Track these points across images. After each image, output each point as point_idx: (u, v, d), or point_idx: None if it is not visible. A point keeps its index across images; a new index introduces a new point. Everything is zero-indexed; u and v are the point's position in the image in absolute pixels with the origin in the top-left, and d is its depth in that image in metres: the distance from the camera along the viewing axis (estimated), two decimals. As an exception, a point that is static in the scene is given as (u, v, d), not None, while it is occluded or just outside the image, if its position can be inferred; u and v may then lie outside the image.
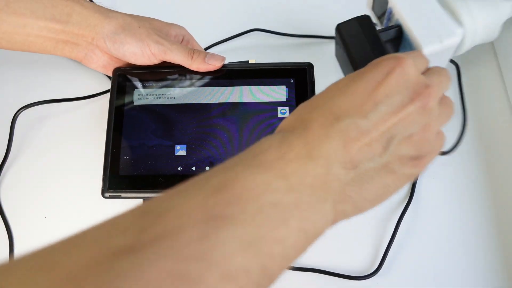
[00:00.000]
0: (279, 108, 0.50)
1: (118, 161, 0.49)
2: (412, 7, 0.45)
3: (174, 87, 0.52)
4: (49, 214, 0.53)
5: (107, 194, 0.49)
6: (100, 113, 0.58)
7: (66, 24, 0.50)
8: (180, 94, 0.52)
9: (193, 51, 0.50)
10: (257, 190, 0.27)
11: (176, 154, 0.49)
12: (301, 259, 0.49)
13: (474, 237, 0.50)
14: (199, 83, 0.52)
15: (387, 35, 0.45)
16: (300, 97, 0.50)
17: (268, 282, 0.26)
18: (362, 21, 0.44)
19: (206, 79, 0.52)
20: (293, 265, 0.49)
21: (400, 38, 0.46)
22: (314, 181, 0.28)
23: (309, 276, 0.49)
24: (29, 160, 0.56)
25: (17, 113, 0.55)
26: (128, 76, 0.53)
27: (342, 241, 0.50)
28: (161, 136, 0.50)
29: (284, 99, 0.51)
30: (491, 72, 0.59)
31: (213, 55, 0.51)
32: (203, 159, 0.49)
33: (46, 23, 0.49)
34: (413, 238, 0.50)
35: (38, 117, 0.58)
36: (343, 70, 0.46)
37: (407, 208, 0.51)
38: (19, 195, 0.54)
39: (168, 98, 0.52)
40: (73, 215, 0.53)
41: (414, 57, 0.34)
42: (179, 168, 0.49)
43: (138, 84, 0.52)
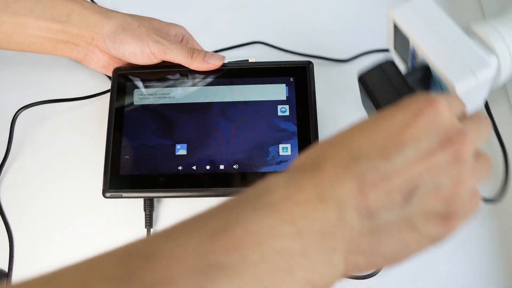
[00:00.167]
0: (279, 107, 0.50)
1: (119, 161, 0.49)
2: (436, 42, 0.40)
3: (174, 87, 0.52)
4: (49, 214, 0.53)
5: (108, 194, 0.49)
6: (100, 113, 0.58)
7: (66, 25, 0.50)
8: (180, 94, 0.52)
9: (193, 51, 0.50)
10: (261, 235, 0.24)
11: (177, 154, 0.49)
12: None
13: (475, 237, 0.50)
14: (199, 83, 0.52)
15: (415, 78, 0.42)
16: (300, 96, 0.50)
17: None
18: (386, 68, 0.41)
19: (206, 79, 0.52)
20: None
21: (429, 79, 0.43)
22: (324, 227, 0.25)
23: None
24: (29, 160, 0.56)
25: (17, 113, 0.55)
26: (128, 76, 0.53)
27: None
28: (162, 136, 0.50)
29: (284, 98, 0.51)
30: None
31: (213, 55, 0.51)
32: (204, 158, 0.49)
33: (46, 24, 0.49)
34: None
35: (38, 117, 0.58)
36: None
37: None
38: (19, 195, 0.54)
39: (169, 98, 0.52)
40: (73, 215, 0.53)
41: (449, 99, 0.30)
42: (180, 168, 0.49)
43: (138, 84, 0.52)
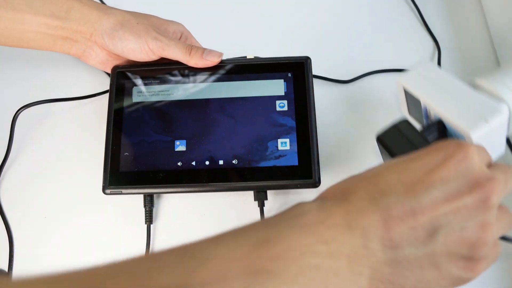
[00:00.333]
0: (278, 102, 0.51)
1: (119, 158, 0.50)
2: (445, 99, 0.43)
3: (173, 84, 0.52)
4: (49, 214, 0.53)
5: (108, 191, 0.49)
6: (101, 113, 0.58)
7: (65, 21, 0.50)
8: (179, 90, 0.52)
9: (191, 47, 0.51)
10: (300, 251, 0.26)
11: (176, 150, 0.50)
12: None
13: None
14: (198, 79, 0.52)
15: (430, 133, 0.44)
16: (298, 91, 0.51)
17: None
18: (401, 127, 0.43)
19: (205, 75, 0.52)
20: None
21: (445, 132, 0.45)
22: (352, 252, 0.27)
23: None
24: (29, 160, 0.56)
25: (18, 113, 0.55)
26: (127, 74, 0.53)
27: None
28: (161, 132, 0.50)
29: (283, 93, 0.51)
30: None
31: (211, 51, 0.51)
32: (203, 154, 0.49)
33: (45, 19, 0.49)
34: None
35: (39, 117, 0.58)
36: None
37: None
38: (19, 195, 0.54)
39: (167, 95, 0.52)
40: (74, 215, 0.53)
41: (479, 149, 0.31)
42: (179, 163, 0.49)
43: (137, 81, 0.53)
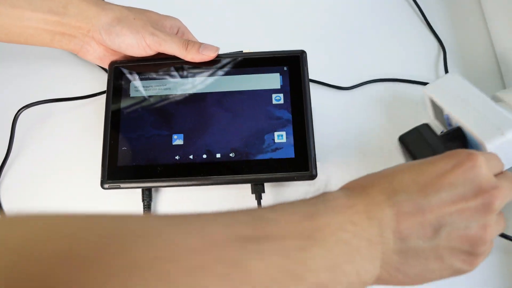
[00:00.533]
0: (274, 95, 0.51)
1: (117, 152, 0.50)
2: (466, 109, 0.47)
3: (170, 78, 0.53)
4: (49, 214, 0.54)
5: (106, 185, 0.49)
6: (101, 113, 0.57)
7: (63, 16, 0.50)
8: (176, 85, 0.52)
9: (188, 42, 0.51)
10: (335, 226, 0.30)
11: (174, 144, 0.50)
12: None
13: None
14: (195, 74, 0.53)
15: (449, 137, 0.48)
16: (294, 84, 0.51)
17: None
18: (422, 130, 0.48)
19: (201, 70, 0.53)
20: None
21: (465, 138, 0.48)
22: (370, 237, 0.31)
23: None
24: (30, 160, 0.56)
25: (18, 113, 0.55)
26: (125, 69, 0.53)
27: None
28: (158, 127, 0.51)
29: (279, 86, 0.51)
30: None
31: (207, 46, 0.51)
32: (200, 148, 0.50)
33: (44, 15, 0.50)
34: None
35: (39, 117, 0.58)
36: None
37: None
38: (19, 195, 0.54)
39: (164, 89, 0.52)
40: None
41: (488, 157, 0.35)
42: (177, 157, 0.50)
43: (135, 76, 0.53)
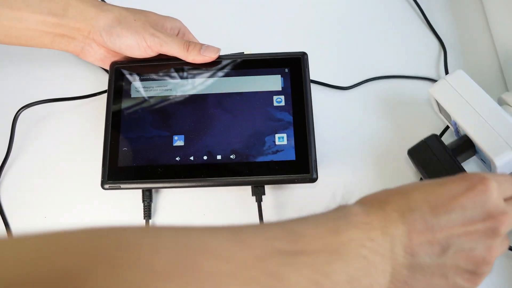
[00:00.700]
0: (275, 97, 0.51)
1: (117, 153, 0.50)
2: (474, 119, 0.46)
3: (171, 79, 0.53)
4: (49, 214, 0.53)
5: (107, 186, 0.49)
6: (101, 112, 0.57)
7: (62, 18, 0.50)
8: (177, 86, 0.52)
9: (189, 43, 0.51)
10: (356, 243, 0.32)
11: (174, 145, 0.50)
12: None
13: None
14: (196, 75, 0.53)
15: (460, 150, 0.48)
16: (295, 86, 0.51)
17: None
18: (430, 142, 0.48)
19: (202, 71, 0.53)
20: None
21: (473, 147, 0.48)
22: (383, 252, 0.33)
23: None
24: (30, 160, 0.56)
25: (18, 113, 0.55)
26: (125, 70, 0.53)
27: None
28: (159, 127, 0.51)
29: (280, 88, 0.51)
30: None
31: (208, 47, 0.51)
32: (201, 149, 0.50)
33: (43, 17, 0.50)
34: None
35: (39, 117, 0.58)
36: None
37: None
38: (19, 195, 0.54)
39: (165, 90, 0.52)
40: (74, 215, 0.53)
41: (501, 181, 0.36)
42: (177, 158, 0.50)
43: (135, 77, 0.53)
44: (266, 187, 0.51)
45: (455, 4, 0.64)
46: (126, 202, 0.53)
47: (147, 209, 0.51)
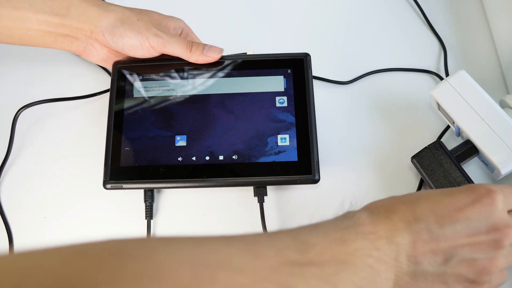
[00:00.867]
0: (277, 98, 0.51)
1: (119, 153, 0.50)
2: (477, 124, 0.46)
3: (174, 79, 0.53)
4: (49, 214, 0.53)
5: (109, 186, 0.49)
6: (101, 112, 0.57)
7: (65, 18, 0.50)
8: (180, 86, 0.52)
9: (192, 44, 0.51)
10: (362, 252, 0.34)
11: (176, 145, 0.50)
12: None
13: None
14: (198, 75, 0.53)
15: (464, 156, 0.48)
16: (298, 87, 0.51)
17: None
18: (435, 150, 0.48)
19: (205, 71, 0.53)
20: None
21: (477, 150, 0.48)
22: (388, 260, 0.34)
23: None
24: (30, 160, 0.56)
25: (18, 113, 0.55)
26: (128, 69, 0.53)
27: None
28: (161, 127, 0.51)
29: (282, 89, 0.51)
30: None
31: (211, 47, 0.51)
32: (203, 149, 0.50)
33: (45, 17, 0.50)
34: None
35: (39, 117, 0.58)
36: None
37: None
38: (19, 195, 0.54)
39: (168, 90, 0.52)
40: (73, 215, 0.53)
41: (507, 193, 0.37)
42: (180, 159, 0.49)
43: (138, 77, 0.53)
44: (268, 188, 0.51)
45: (455, 4, 0.64)
46: (127, 202, 0.53)
47: (149, 209, 0.51)
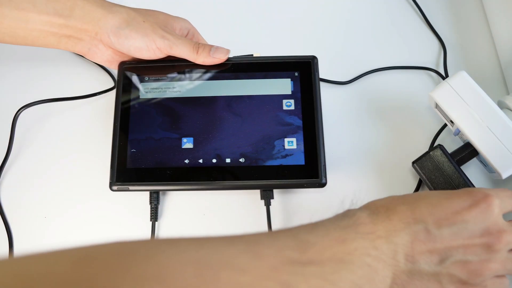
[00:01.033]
0: (285, 101, 0.51)
1: (126, 154, 0.49)
2: (478, 128, 0.46)
3: (180, 81, 0.52)
4: (49, 214, 0.53)
5: (115, 187, 0.49)
6: (101, 112, 0.57)
7: (69, 19, 0.49)
8: (186, 88, 0.52)
9: (198, 46, 0.50)
10: (361, 251, 0.35)
11: (183, 147, 0.50)
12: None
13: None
14: (205, 77, 0.52)
15: (464, 158, 0.48)
16: (305, 90, 0.51)
17: None
18: (436, 155, 0.48)
19: (212, 72, 0.52)
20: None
21: (478, 153, 0.48)
22: (386, 259, 0.36)
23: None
24: (30, 160, 0.55)
25: (18, 112, 0.55)
26: (134, 70, 0.53)
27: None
28: (168, 129, 0.50)
29: (289, 92, 0.51)
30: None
31: (218, 48, 0.51)
32: (210, 152, 0.49)
33: (49, 18, 0.49)
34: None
35: (39, 116, 0.57)
36: None
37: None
38: (19, 195, 0.54)
39: (174, 92, 0.52)
40: (73, 215, 0.53)
41: (503, 197, 0.39)
42: (186, 161, 0.49)
43: (144, 78, 0.53)
44: (275, 191, 0.51)
45: (455, 4, 0.64)
46: (130, 203, 0.53)
47: (154, 211, 0.51)
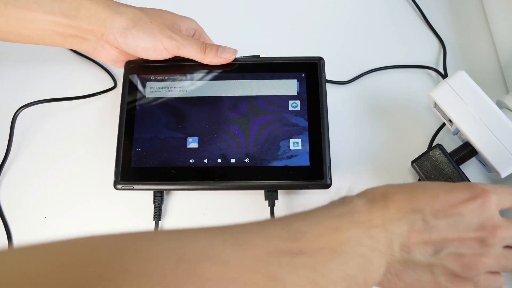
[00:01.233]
0: (290, 102, 0.51)
1: (131, 153, 0.49)
2: (477, 127, 0.46)
3: (186, 81, 0.52)
4: (49, 214, 0.52)
5: (119, 186, 0.48)
6: (101, 112, 0.57)
7: (75, 19, 0.49)
8: (192, 87, 0.52)
9: (206, 46, 0.50)
10: (354, 241, 0.34)
11: (188, 147, 0.49)
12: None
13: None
14: (211, 77, 0.52)
15: (463, 157, 0.49)
16: (311, 91, 0.51)
17: None
18: (435, 154, 0.48)
19: (218, 73, 0.52)
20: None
21: (477, 153, 0.48)
22: (381, 248, 0.35)
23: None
24: (29, 160, 0.55)
25: (17, 112, 0.54)
26: (140, 70, 0.53)
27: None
28: (173, 129, 0.50)
29: (295, 93, 0.51)
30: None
31: (225, 48, 0.51)
32: (215, 152, 0.49)
33: (54, 18, 0.49)
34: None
35: (39, 116, 0.57)
36: None
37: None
38: (19, 195, 0.53)
39: (180, 91, 0.52)
40: (73, 215, 0.52)
41: (500, 193, 0.39)
42: (191, 161, 0.49)
43: (150, 77, 0.52)
44: (279, 192, 0.51)
45: (455, 4, 0.64)
46: (128, 203, 0.53)
47: (158, 211, 0.51)
